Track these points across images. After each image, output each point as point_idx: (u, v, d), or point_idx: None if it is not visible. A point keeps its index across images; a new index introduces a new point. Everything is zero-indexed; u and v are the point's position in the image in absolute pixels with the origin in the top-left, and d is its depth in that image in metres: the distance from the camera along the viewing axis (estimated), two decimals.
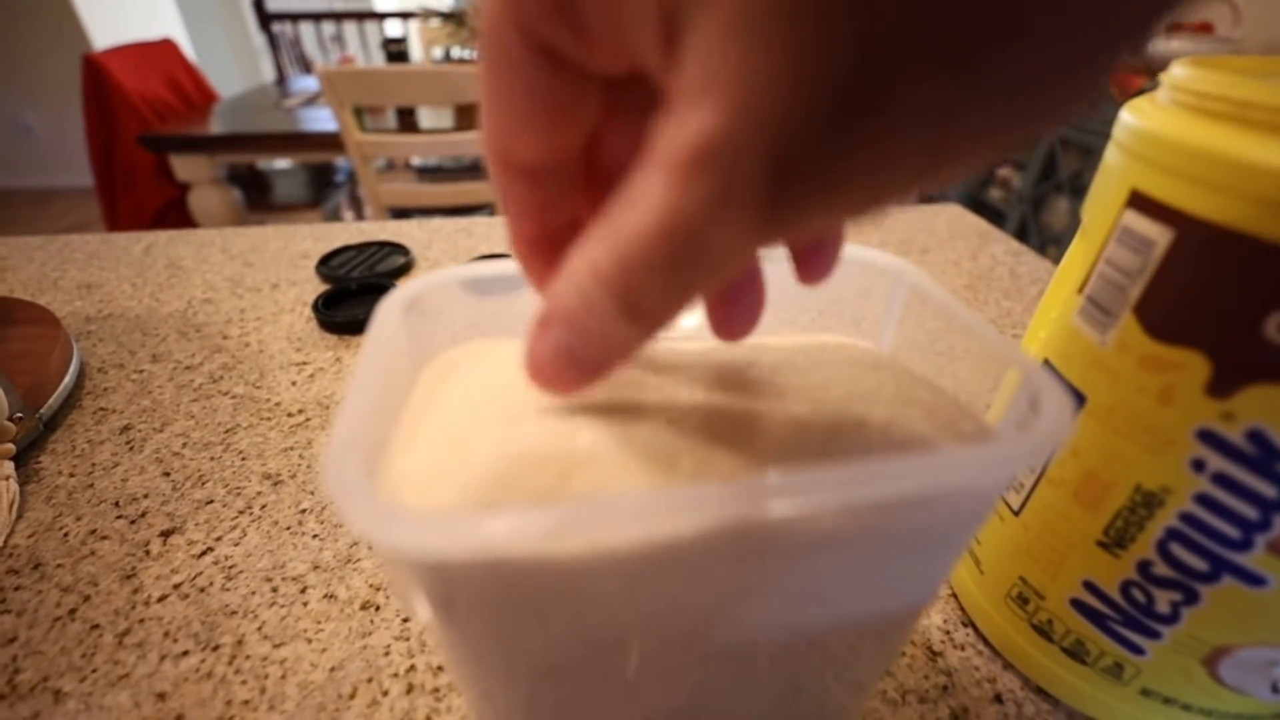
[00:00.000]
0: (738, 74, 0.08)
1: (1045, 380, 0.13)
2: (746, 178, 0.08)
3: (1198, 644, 0.19)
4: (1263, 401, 0.15)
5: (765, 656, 0.16)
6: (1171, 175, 0.16)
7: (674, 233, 0.09)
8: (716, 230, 0.09)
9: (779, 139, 0.08)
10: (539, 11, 0.10)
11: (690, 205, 0.09)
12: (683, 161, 0.09)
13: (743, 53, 0.08)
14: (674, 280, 0.10)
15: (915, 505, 0.11)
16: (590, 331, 0.11)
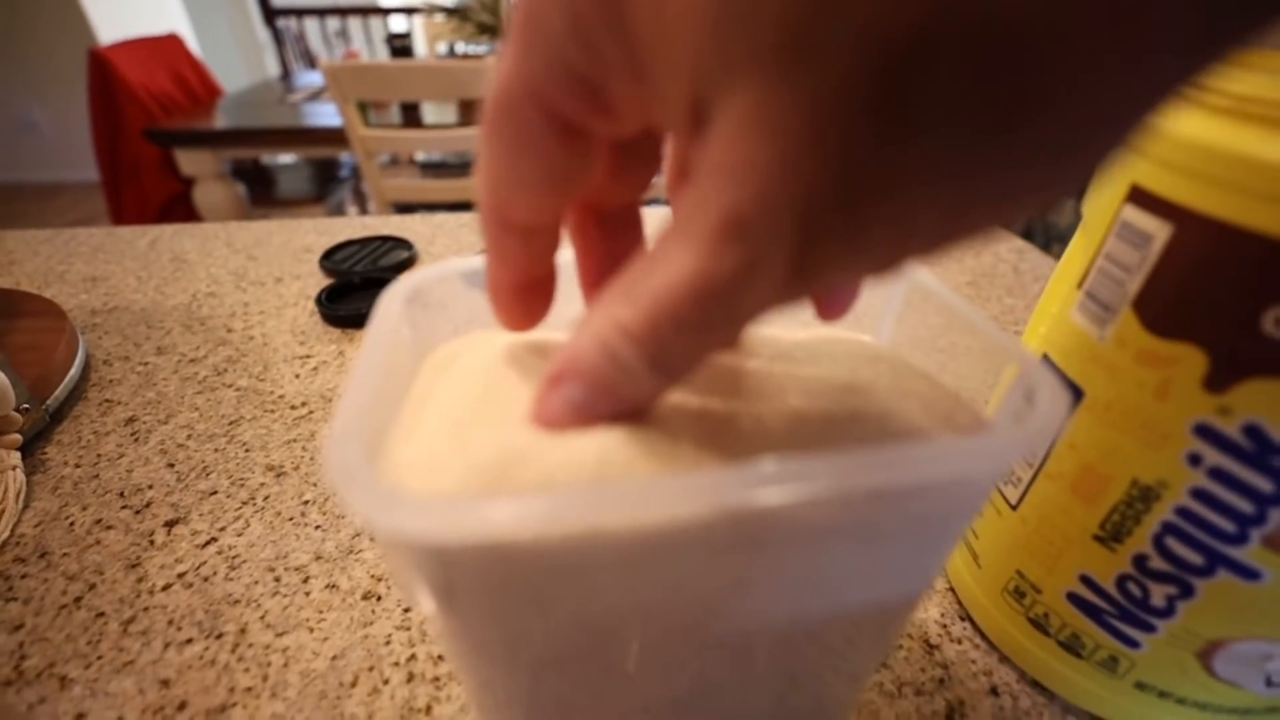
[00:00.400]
0: (765, 156, 0.08)
1: (1041, 374, 0.13)
2: (775, 247, 0.09)
3: (1192, 637, 0.19)
4: (1260, 396, 0.15)
5: (763, 646, 0.16)
6: (1171, 170, 0.16)
7: (707, 295, 0.10)
8: (745, 293, 0.10)
9: (804, 213, 0.09)
10: (559, 86, 0.10)
11: (723, 270, 0.09)
12: (715, 231, 0.09)
13: (770, 138, 0.08)
14: (702, 337, 0.11)
15: (909, 495, 0.11)
16: (614, 385, 0.11)
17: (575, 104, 0.11)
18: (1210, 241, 0.16)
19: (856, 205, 0.08)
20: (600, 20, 0.09)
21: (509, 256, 0.14)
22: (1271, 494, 0.16)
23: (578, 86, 0.10)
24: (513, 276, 0.14)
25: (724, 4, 0.08)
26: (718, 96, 0.09)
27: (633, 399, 0.12)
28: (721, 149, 0.09)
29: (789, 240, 0.09)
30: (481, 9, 1.82)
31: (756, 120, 0.08)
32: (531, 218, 0.13)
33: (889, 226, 0.09)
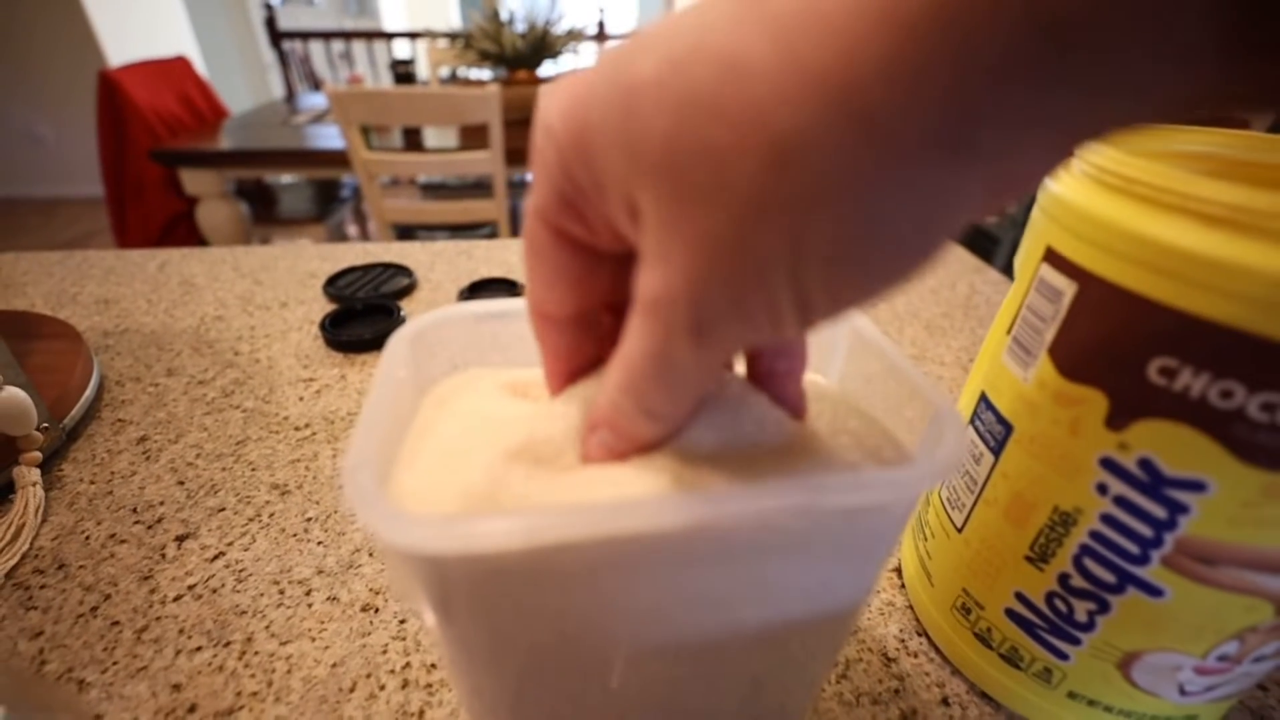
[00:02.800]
0: (668, 251, 0.11)
1: (949, 417, 0.15)
2: (681, 318, 0.12)
3: (1112, 649, 0.21)
4: (1149, 434, 0.18)
5: (723, 651, 0.18)
6: (1075, 236, 0.19)
7: (652, 356, 0.13)
8: (676, 353, 0.12)
9: (696, 293, 0.11)
10: (557, 210, 0.13)
11: (655, 337, 0.12)
12: (645, 307, 0.12)
13: (669, 239, 0.11)
14: (667, 389, 0.13)
15: (833, 515, 0.13)
16: (623, 430, 0.14)
17: (568, 222, 0.13)
18: (1106, 300, 0.18)
19: (738, 286, 0.11)
20: (575, 157, 0.12)
21: (550, 344, 0.17)
22: (1165, 520, 0.18)
23: (567, 208, 0.13)
24: (561, 368, 0.17)
25: (627, 132, 0.11)
26: (639, 198, 0.11)
27: (642, 439, 0.15)
28: (645, 242, 0.12)
29: (688, 313, 0.11)
30: (483, 36, 1.87)
31: (660, 219, 0.11)
32: (557, 310, 0.16)
33: (764, 304, 0.11)
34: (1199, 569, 0.19)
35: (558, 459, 0.15)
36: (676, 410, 0.14)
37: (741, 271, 0.11)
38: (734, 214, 0.10)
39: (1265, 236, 0.15)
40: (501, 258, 0.66)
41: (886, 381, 0.18)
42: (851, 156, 0.09)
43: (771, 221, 0.10)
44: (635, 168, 0.11)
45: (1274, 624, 0.19)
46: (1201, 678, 0.21)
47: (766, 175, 0.10)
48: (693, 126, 0.10)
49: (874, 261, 0.11)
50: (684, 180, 0.10)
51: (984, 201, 0.10)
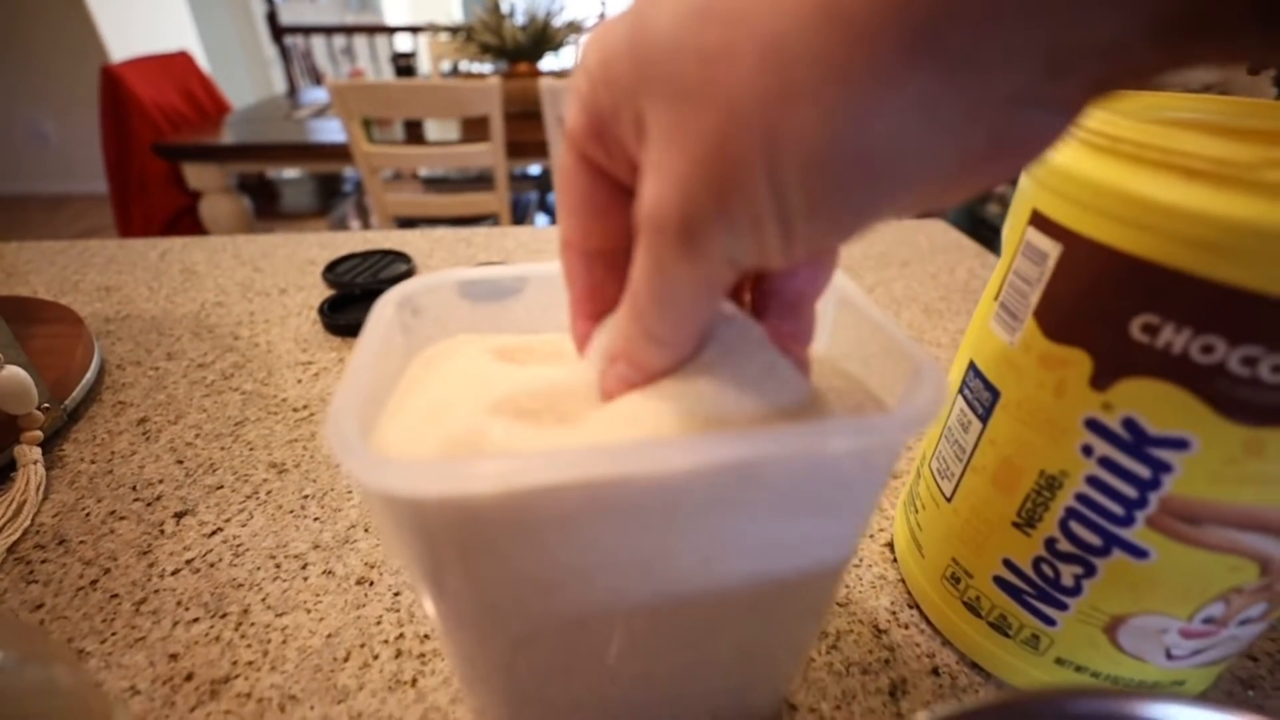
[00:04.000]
0: (661, 159, 0.12)
1: (929, 372, 0.15)
2: (671, 225, 0.12)
3: (1098, 614, 0.21)
4: (1133, 393, 0.18)
5: (708, 609, 0.18)
6: (1060, 197, 0.19)
7: (649, 274, 0.13)
8: (670, 266, 0.13)
9: (685, 198, 0.11)
10: (585, 136, 0.14)
11: (651, 252, 0.13)
12: (641, 221, 0.13)
13: (664, 146, 0.11)
14: (666, 309, 0.14)
15: (798, 465, 0.14)
16: (635, 359, 0.15)
17: (593, 148, 0.14)
18: (1090, 259, 0.18)
19: (722, 187, 0.11)
20: (601, 80, 0.13)
21: (571, 273, 0.17)
22: (1149, 479, 0.18)
23: (593, 134, 0.14)
24: (577, 295, 0.17)
25: (635, 45, 0.11)
26: (644, 110, 0.12)
27: (652, 367, 0.15)
28: (646, 156, 0.12)
29: (679, 221, 0.12)
30: (484, 30, 1.87)
31: (658, 127, 0.12)
32: (579, 240, 0.16)
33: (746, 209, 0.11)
34: (1183, 529, 0.19)
35: (540, 415, 0.15)
36: (678, 334, 0.14)
37: (725, 172, 0.11)
38: (720, 114, 0.10)
39: (1245, 188, 0.15)
40: (500, 245, 0.66)
41: (871, 344, 0.18)
42: (831, 58, 0.09)
43: (754, 120, 0.10)
44: (640, 77, 0.11)
45: (1259, 585, 0.19)
46: (1188, 641, 0.21)
47: (753, 75, 0.10)
48: (690, 31, 0.10)
49: (847, 173, 0.11)
50: (679, 84, 0.11)
51: (963, 128, 0.10)
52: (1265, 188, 0.15)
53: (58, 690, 0.14)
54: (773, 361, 0.16)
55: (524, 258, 0.63)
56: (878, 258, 0.65)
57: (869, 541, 0.32)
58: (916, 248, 0.68)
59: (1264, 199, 0.15)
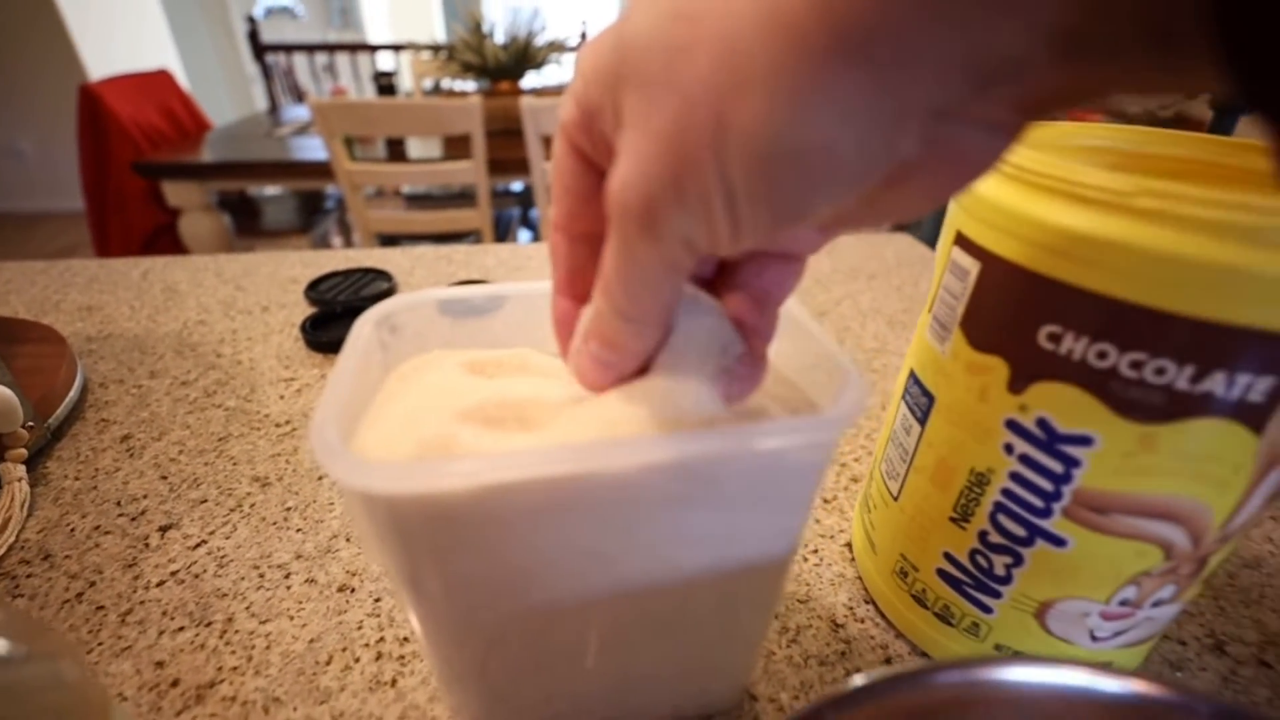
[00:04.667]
0: (629, 144, 0.13)
1: (852, 380, 0.17)
2: (634, 205, 0.13)
3: (1028, 600, 0.23)
4: (1044, 395, 0.20)
5: (663, 600, 0.19)
6: (978, 220, 0.21)
7: (616, 253, 0.14)
8: (633, 245, 0.14)
9: (646, 178, 0.13)
10: (576, 126, 0.15)
11: (618, 233, 0.14)
12: (609, 202, 0.14)
13: (632, 132, 0.13)
14: (631, 286, 0.15)
15: (741, 459, 0.15)
16: (604, 335, 0.16)
17: (581, 138, 0.15)
18: (1003, 276, 0.20)
19: (677, 170, 0.12)
20: (590, 75, 0.14)
21: (556, 254, 0.18)
22: (1062, 474, 0.20)
23: (583, 125, 0.15)
24: (558, 276, 0.18)
25: (619, 44, 0.13)
26: (621, 101, 0.13)
27: (621, 344, 0.16)
28: (619, 143, 0.13)
29: (641, 202, 0.13)
30: (465, 49, 1.89)
31: (629, 115, 0.13)
32: (565, 223, 0.17)
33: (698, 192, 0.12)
34: (1094, 518, 0.21)
35: (505, 422, 0.17)
36: (642, 311, 0.15)
37: (680, 154, 0.12)
38: (679, 101, 0.12)
39: (1125, 213, 0.17)
40: (480, 262, 0.68)
41: (810, 356, 0.20)
42: (774, 57, 0.11)
43: (706, 108, 0.11)
44: (620, 71, 0.13)
45: (1165, 568, 0.21)
46: (1108, 623, 0.23)
47: (708, 68, 0.11)
48: (661, 29, 0.12)
49: (784, 161, 0.11)
50: (648, 75, 0.12)
51: (891, 131, 0.11)
52: (1140, 213, 0.17)
53: (63, 684, 0.15)
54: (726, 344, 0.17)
55: (504, 275, 0.64)
56: (847, 271, 0.68)
57: (829, 542, 0.34)
58: (884, 261, 0.70)
59: (1140, 222, 0.17)
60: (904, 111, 0.11)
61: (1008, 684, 0.13)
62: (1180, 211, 0.16)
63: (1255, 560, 0.35)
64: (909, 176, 0.13)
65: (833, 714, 0.13)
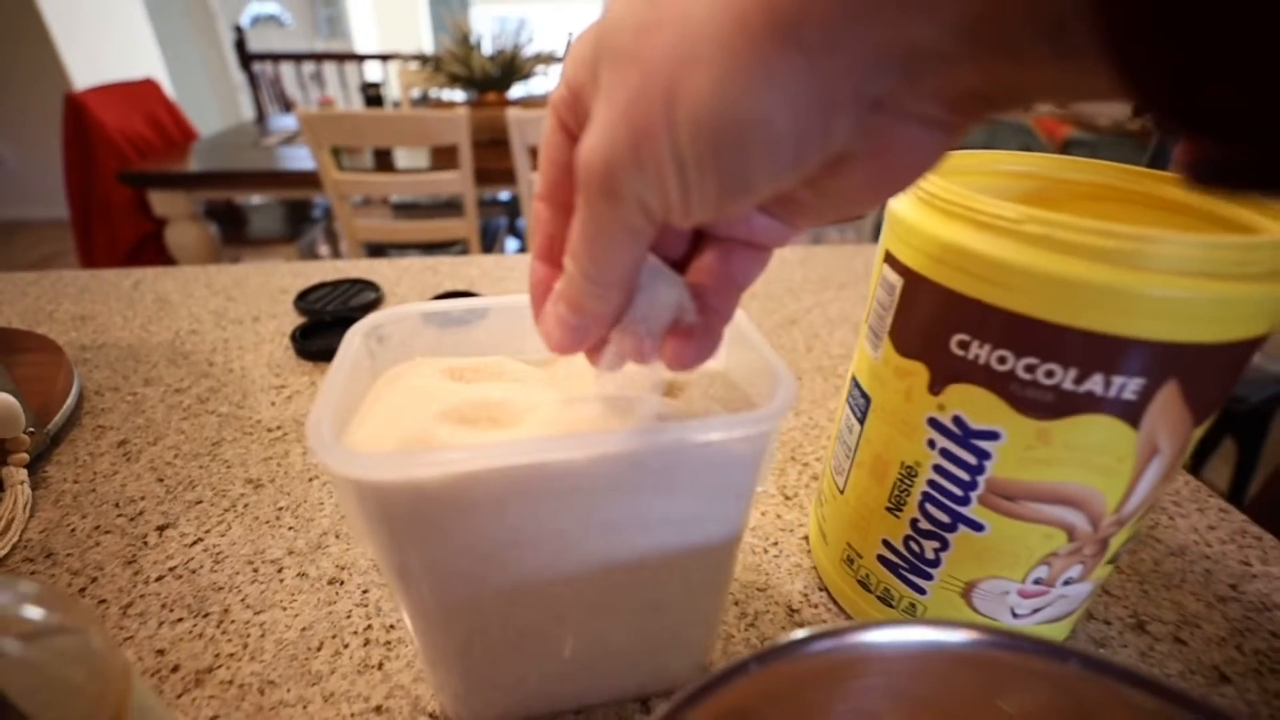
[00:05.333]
0: (599, 114, 0.14)
1: (784, 384, 0.20)
2: (596, 168, 0.14)
3: (955, 581, 0.26)
4: (958, 395, 0.22)
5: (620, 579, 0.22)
6: (901, 241, 0.24)
7: (583, 218, 0.15)
8: (596, 207, 0.15)
9: (609, 144, 0.14)
10: (562, 105, 0.16)
11: (584, 197, 0.15)
12: (578, 165, 0.14)
13: (603, 103, 0.14)
14: (595, 249, 0.15)
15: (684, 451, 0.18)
16: (571, 297, 0.17)
17: (567, 114, 0.16)
18: (921, 290, 0.23)
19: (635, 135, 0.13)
20: (579, 60, 0.15)
21: (538, 221, 0.19)
22: (975, 465, 0.23)
23: (568, 101, 0.16)
24: (537, 241, 0.19)
25: (600, 27, 0.14)
26: (599, 77, 0.14)
27: (585, 306, 0.17)
28: (594, 111, 0.14)
29: (601, 168, 0.14)
30: (453, 60, 1.92)
31: (602, 88, 0.14)
32: (547, 194, 0.18)
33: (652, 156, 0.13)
34: (1004, 504, 0.23)
35: (477, 421, 0.19)
36: (604, 273, 0.16)
37: (638, 121, 0.13)
38: (640, 73, 0.13)
39: (1015, 237, 0.20)
40: (465, 273, 0.70)
41: (756, 362, 0.23)
42: (723, 36, 0.12)
43: (662, 79, 0.12)
44: (598, 51, 0.14)
45: (1070, 549, 0.24)
46: (1026, 600, 0.26)
47: (667, 44, 0.12)
48: (633, 10, 0.13)
49: (726, 132, 0.12)
50: (619, 51, 0.13)
51: (825, 113, 0.12)
52: (1028, 238, 0.20)
53: (92, 653, 0.17)
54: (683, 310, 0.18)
55: (487, 285, 0.67)
56: (818, 280, 0.71)
57: (789, 535, 0.36)
58: (853, 272, 0.73)
59: (1028, 246, 0.20)
60: (837, 96, 0.12)
61: (872, 645, 0.16)
62: (1060, 237, 0.19)
63: (1180, 549, 0.38)
64: (851, 164, 0.14)
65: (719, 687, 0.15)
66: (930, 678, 0.17)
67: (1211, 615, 0.33)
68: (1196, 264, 0.18)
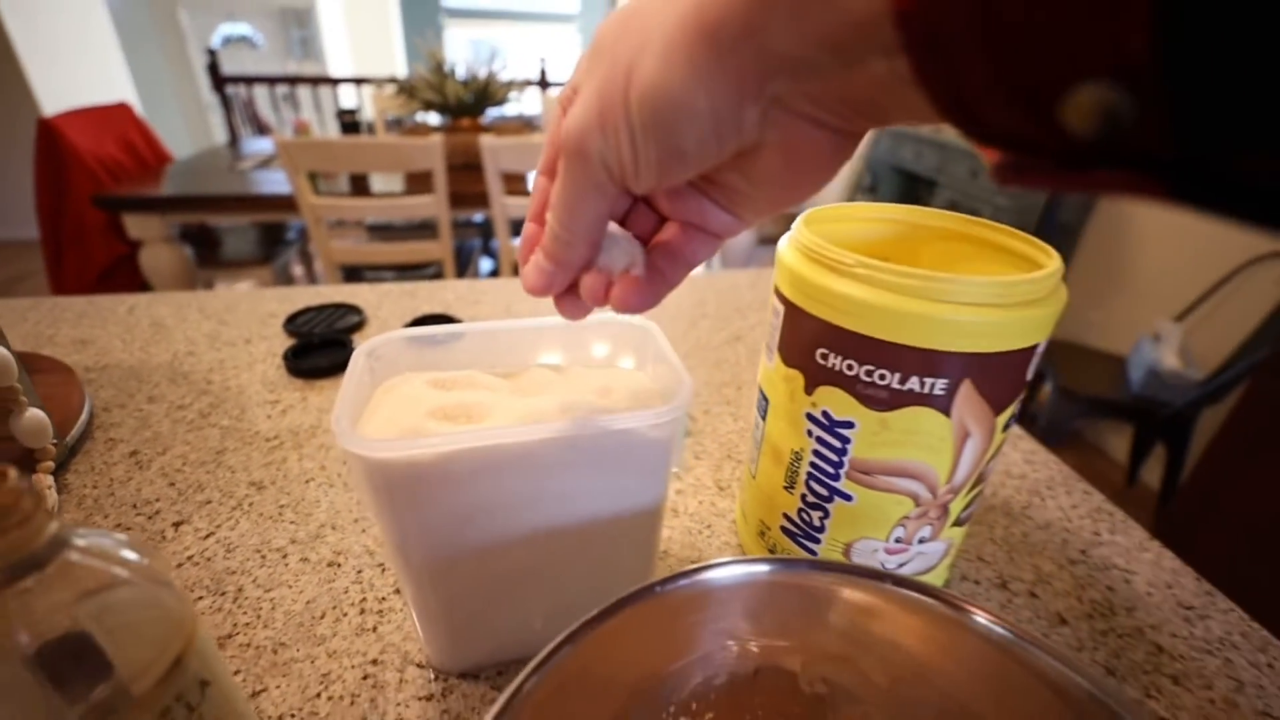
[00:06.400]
0: (579, 99, 0.18)
1: (683, 388, 0.27)
2: (572, 138, 0.18)
3: (836, 543, 0.33)
4: (824, 395, 0.30)
5: (569, 538, 0.28)
6: (782, 279, 0.31)
7: (561, 182, 0.19)
8: (571, 170, 0.19)
9: (582, 119, 0.18)
10: (566, 99, 0.20)
11: (563, 165, 0.19)
12: (560, 139, 0.19)
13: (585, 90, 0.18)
14: (567, 206, 0.19)
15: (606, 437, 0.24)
16: (548, 249, 0.21)
17: (569, 105, 0.19)
18: (795, 315, 0.30)
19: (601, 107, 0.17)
20: (582, 64, 0.19)
21: (536, 190, 0.23)
22: (840, 449, 0.30)
23: (571, 95, 0.20)
24: (534, 210, 0.23)
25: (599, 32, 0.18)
26: (589, 70, 0.18)
27: (560, 257, 0.21)
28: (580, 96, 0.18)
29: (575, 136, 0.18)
30: (426, 87, 1.98)
31: (586, 79, 0.18)
32: (547, 168, 0.22)
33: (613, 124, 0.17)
34: (864, 478, 0.30)
35: (457, 418, 0.26)
36: (574, 226, 0.20)
37: (604, 98, 0.17)
38: (611, 63, 0.16)
39: (851, 277, 0.27)
40: (441, 297, 0.76)
41: (669, 374, 0.30)
42: (669, 32, 0.15)
43: (625, 65, 0.16)
44: (590, 53, 0.18)
45: (918, 513, 0.31)
46: (891, 557, 0.33)
47: (633, 43, 0.16)
48: (615, 22, 0.17)
49: (663, 109, 0.16)
50: (602, 48, 0.17)
51: (736, 103, 0.15)
52: (859, 277, 0.27)
53: (168, 599, 0.23)
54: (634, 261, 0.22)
55: (462, 308, 0.73)
56: (762, 303, 0.78)
57: (721, 519, 0.43)
58: None
59: (860, 283, 0.27)
60: (745, 89, 0.15)
61: (712, 580, 0.22)
62: (881, 277, 0.26)
63: (1046, 524, 0.45)
64: (768, 153, 0.17)
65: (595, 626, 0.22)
66: (766, 600, 0.23)
67: (1062, 575, 0.41)
68: (981, 296, 0.26)
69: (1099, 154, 0.10)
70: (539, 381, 0.30)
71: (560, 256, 0.21)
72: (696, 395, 0.58)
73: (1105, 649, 0.36)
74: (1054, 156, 0.11)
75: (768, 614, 0.24)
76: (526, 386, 0.30)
